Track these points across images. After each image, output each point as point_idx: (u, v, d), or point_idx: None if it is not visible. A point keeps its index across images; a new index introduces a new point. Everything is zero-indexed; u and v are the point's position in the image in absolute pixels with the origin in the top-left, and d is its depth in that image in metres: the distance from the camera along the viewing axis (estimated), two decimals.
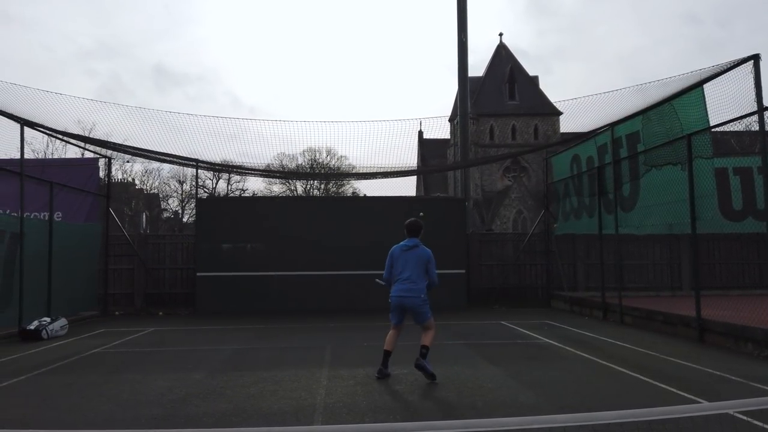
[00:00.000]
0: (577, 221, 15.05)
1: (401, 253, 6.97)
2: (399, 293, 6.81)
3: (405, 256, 6.91)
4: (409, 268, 6.84)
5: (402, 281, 6.82)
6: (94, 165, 15.99)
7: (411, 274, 6.82)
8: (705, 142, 9.64)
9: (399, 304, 6.83)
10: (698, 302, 9.48)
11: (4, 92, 10.26)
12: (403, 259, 6.91)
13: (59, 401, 5.98)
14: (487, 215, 45.77)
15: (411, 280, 6.80)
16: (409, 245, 7.00)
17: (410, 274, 6.82)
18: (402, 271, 6.87)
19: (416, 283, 6.82)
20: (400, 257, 6.95)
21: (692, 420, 3.23)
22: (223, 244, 15.23)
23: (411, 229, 7.13)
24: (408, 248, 6.96)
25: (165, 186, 53.22)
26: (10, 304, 11.11)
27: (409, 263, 6.87)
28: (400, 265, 6.91)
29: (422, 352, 6.72)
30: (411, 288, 6.78)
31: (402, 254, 6.94)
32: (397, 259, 6.96)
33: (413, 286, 6.79)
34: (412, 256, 6.90)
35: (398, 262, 6.94)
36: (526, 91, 49.76)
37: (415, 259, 6.88)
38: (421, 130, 23.12)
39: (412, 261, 6.87)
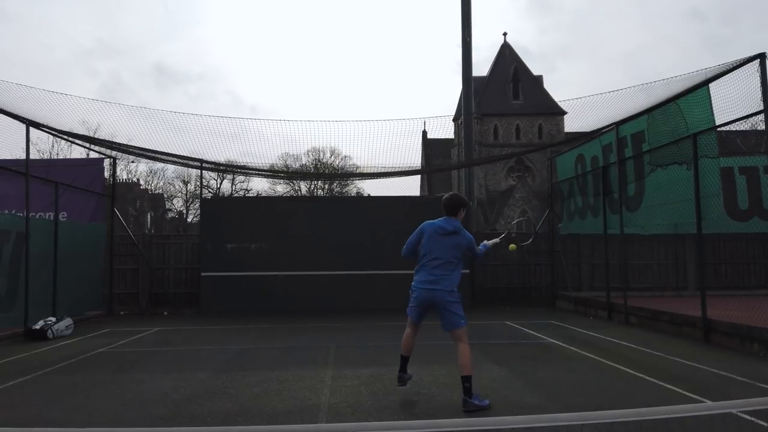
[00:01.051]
0: (581, 221, 15.01)
1: (436, 235, 5.60)
2: (424, 284, 5.56)
3: (441, 241, 5.58)
4: (443, 254, 5.53)
5: (432, 268, 5.53)
6: (99, 165, 16.04)
7: (445, 261, 5.50)
8: (710, 141, 9.60)
9: (424, 297, 5.57)
10: (704, 302, 9.44)
11: (9, 93, 10.30)
12: (436, 243, 5.58)
13: (65, 401, 5.99)
14: (491, 215, 45.71)
15: (444, 268, 5.50)
16: (447, 229, 5.59)
17: (443, 262, 5.50)
18: (432, 255, 5.54)
19: (450, 274, 5.54)
20: (432, 239, 5.59)
21: (696, 419, 3.21)
22: (228, 244, 15.26)
23: (449, 206, 5.67)
24: (446, 233, 5.59)
25: (169, 186, 53.42)
26: (15, 304, 11.15)
27: (443, 247, 5.55)
28: (429, 246, 5.58)
29: (465, 387, 5.28)
30: (442, 277, 5.50)
31: (437, 237, 5.59)
32: (429, 239, 5.60)
33: (445, 275, 5.51)
34: (449, 242, 5.57)
35: (430, 243, 5.59)
36: (530, 91, 49.68)
37: (455, 245, 5.58)
38: (425, 130, 23.11)
39: (448, 246, 5.56)
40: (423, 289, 5.56)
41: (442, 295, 5.48)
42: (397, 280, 15.23)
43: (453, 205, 5.68)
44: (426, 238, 5.61)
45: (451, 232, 5.57)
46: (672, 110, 10.87)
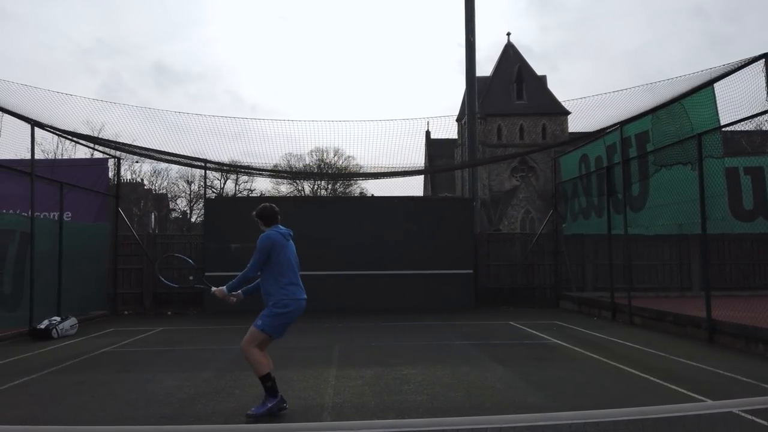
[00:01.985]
0: (585, 221, 14.98)
1: (286, 241, 5.46)
2: (303, 295, 5.51)
3: (290, 247, 5.48)
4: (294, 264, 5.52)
5: (297, 282, 5.51)
6: (103, 165, 16.09)
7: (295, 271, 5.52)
8: (715, 141, 9.57)
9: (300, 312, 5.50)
10: (708, 303, 9.41)
11: (14, 93, 10.34)
12: (290, 251, 5.47)
13: (69, 400, 6.01)
14: (494, 215, 45.68)
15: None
16: (290, 233, 5.59)
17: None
18: (293, 266, 5.47)
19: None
20: (286, 247, 5.43)
21: (698, 418, 3.21)
22: (231, 244, 15.27)
23: (269, 215, 5.61)
24: (290, 237, 5.56)
25: (173, 186, 53.57)
26: (20, 304, 11.20)
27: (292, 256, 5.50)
28: (290, 257, 5.44)
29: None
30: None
31: (288, 244, 5.48)
32: (283, 248, 5.40)
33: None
34: (292, 248, 5.56)
35: (285, 252, 5.40)
36: (534, 91, 49.62)
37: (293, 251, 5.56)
38: (429, 130, 23.14)
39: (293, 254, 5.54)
40: (303, 299, 5.50)
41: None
42: (401, 281, 15.27)
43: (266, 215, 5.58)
44: (286, 249, 5.44)
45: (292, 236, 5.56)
46: (677, 110, 10.84)
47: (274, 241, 5.36)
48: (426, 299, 15.11)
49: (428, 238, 15.43)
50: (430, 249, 15.37)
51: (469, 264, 15.63)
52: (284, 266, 5.38)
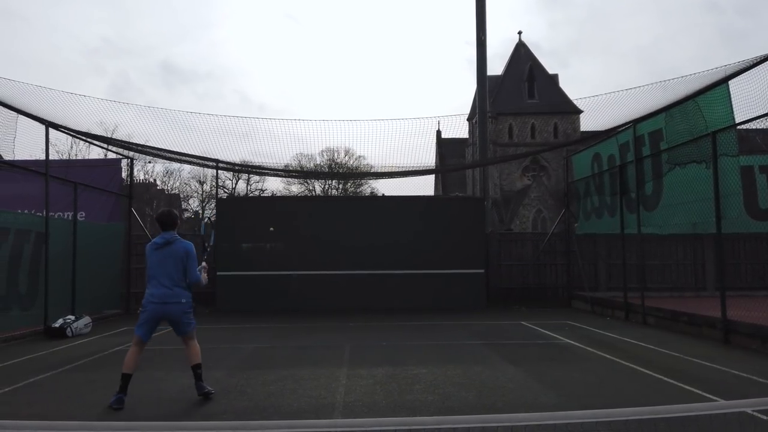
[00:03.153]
0: (598, 221, 14.87)
1: (153, 251, 5.91)
2: (158, 299, 5.87)
3: (159, 254, 5.90)
4: (168, 269, 5.89)
5: (160, 285, 5.87)
6: (116, 165, 16.23)
7: (169, 275, 5.88)
8: (730, 139, 9.45)
9: (157, 312, 5.92)
10: (723, 303, 9.30)
11: (28, 94, 10.46)
12: (157, 258, 5.89)
13: (83, 397, 6.07)
14: (506, 215, 45.48)
15: (170, 284, 5.87)
16: (165, 240, 5.93)
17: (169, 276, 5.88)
18: (158, 271, 5.88)
19: (178, 286, 5.94)
20: (152, 255, 5.91)
21: (711, 418, 3.17)
22: (243, 244, 15.35)
23: (165, 221, 6.03)
24: (162, 245, 5.91)
25: (186, 186, 53.91)
26: (35, 303, 11.33)
27: (166, 262, 5.89)
28: (154, 264, 5.89)
29: (197, 373, 5.94)
30: (170, 293, 5.88)
31: (154, 252, 5.91)
32: (149, 257, 5.91)
33: (173, 291, 5.90)
34: (168, 253, 5.90)
35: (156, 256, 5.88)
36: (545, 90, 49.33)
37: (173, 257, 5.91)
38: (440, 130, 23.08)
39: (170, 260, 5.90)
40: (159, 303, 5.98)
41: (176, 308, 6.05)
42: (412, 280, 15.25)
43: (168, 220, 6.10)
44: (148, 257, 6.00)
45: (168, 242, 5.96)
46: (691, 108, 10.73)
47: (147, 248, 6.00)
48: (437, 299, 15.09)
49: (439, 237, 15.40)
50: (441, 249, 15.34)
51: (480, 263, 15.57)
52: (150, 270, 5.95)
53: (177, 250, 5.92)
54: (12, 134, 10.81)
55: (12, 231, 10.85)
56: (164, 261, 5.88)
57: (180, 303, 5.99)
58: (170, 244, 5.92)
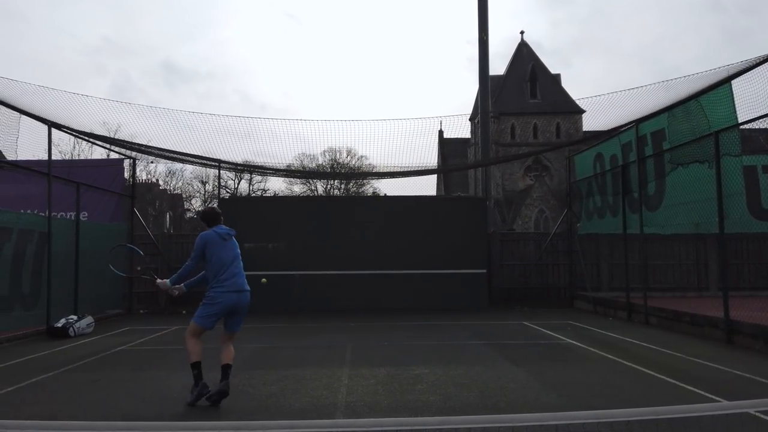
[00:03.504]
0: (600, 221, 14.85)
1: (221, 241, 5.90)
2: (239, 287, 5.84)
3: (228, 246, 5.93)
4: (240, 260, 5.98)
5: (239, 275, 5.90)
6: (119, 166, 16.26)
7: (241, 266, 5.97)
8: (733, 139, 9.43)
9: (233, 301, 5.84)
10: (726, 303, 9.27)
11: (31, 95, 10.48)
12: (228, 248, 5.91)
13: (85, 397, 6.08)
14: (508, 215, 45.45)
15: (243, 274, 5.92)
16: (229, 233, 6.02)
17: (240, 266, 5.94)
18: (233, 261, 5.87)
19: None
20: (221, 246, 5.88)
21: (713, 419, 3.16)
22: (245, 244, 15.29)
23: (216, 216, 6.15)
24: (229, 237, 5.98)
25: (188, 186, 53.97)
26: (38, 302, 11.36)
27: (237, 253, 5.98)
28: (225, 253, 5.85)
29: (227, 373, 5.86)
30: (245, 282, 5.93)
31: (223, 243, 5.92)
32: (221, 246, 5.86)
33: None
34: (234, 245, 6.01)
35: (223, 250, 5.85)
36: (548, 89, 49.28)
37: (237, 249, 6.02)
38: (442, 130, 23.06)
39: (237, 251, 6.01)
40: (239, 292, 5.90)
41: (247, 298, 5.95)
42: (413, 280, 15.25)
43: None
44: (216, 246, 5.87)
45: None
46: (693, 108, 10.70)
47: (205, 240, 5.84)
48: (439, 299, 15.07)
49: (441, 237, 15.39)
50: (443, 249, 15.33)
51: (482, 264, 15.55)
52: (217, 263, 5.81)
53: (236, 245, 6.05)
54: (15, 134, 10.83)
55: (15, 231, 10.88)
56: (235, 252, 5.96)
57: (249, 292, 6.01)
58: (232, 237, 6.02)
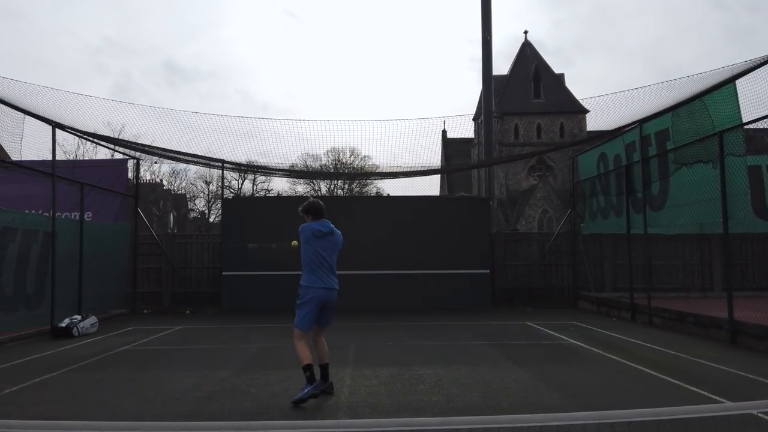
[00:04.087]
0: (604, 221, 14.81)
1: (317, 238, 5.87)
2: (327, 284, 5.86)
3: (324, 242, 5.90)
4: (333, 257, 5.95)
5: (329, 272, 5.91)
6: (123, 166, 16.30)
7: (333, 263, 5.94)
8: (737, 139, 9.39)
9: (322, 298, 5.87)
10: (730, 303, 9.24)
11: (35, 95, 10.52)
12: (323, 245, 5.87)
13: (88, 397, 6.10)
14: (511, 215, 45.38)
15: (333, 272, 5.94)
16: (330, 229, 5.99)
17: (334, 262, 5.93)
18: (330, 257, 5.90)
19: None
20: (316, 242, 5.85)
21: (715, 420, 3.15)
22: (249, 244, 15.38)
23: (319, 209, 6.05)
24: (327, 233, 5.94)
25: (192, 186, 54.10)
26: (42, 302, 11.39)
27: (332, 250, 5.93)
28: (318, 249, 5.83)
29: (327, 372, 5.92)
30: (335, 280, 5.92)
31: (318, 239, 5.89)
32: (314, 242, 5.84)
33: (335, 279, 5.93)
34: (332, 241, 5.95)
35: (317, 245, 5.83)
36: (551, 89, 49.19)
37: (336, 245, 5.98)
38: (445, 130, 23.04)
39: (334, 248, 5.97)
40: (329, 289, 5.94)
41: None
42: (416, 280, 15.24)
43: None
44: (318, 240, 5.91)
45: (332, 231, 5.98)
46: (697, 107, 10.67)
47: (303, 232, 5.91)
48: (442, 299, 15.06)
49: (444, 237, 15.38)
50: (446, 249, 15.31)
51: (485, 264, 15.53)
52: (308, 258, 5.84)
53: (337, 240, 5.99)
54: (19, 135, 10.88)
55: (19, 231, 10.92)
56: (330, 248, 5.93)
57: (337, 290, 6.00)
58: (333, 233, 5.96)
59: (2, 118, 10.69)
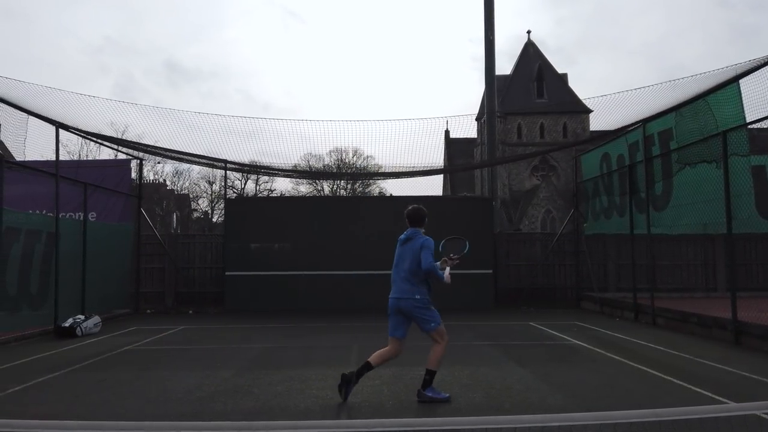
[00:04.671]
0: (607, 221, 14.78)
1: (397, 246, 6.17)
2: (393, 293, 6.13)
3: (400, 250, 6.14)
4: (404, 264, 6.07)
5: (397, 280, 6.15)
6: (126, 166, 16.33)
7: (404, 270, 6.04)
8: (741, 139, 9.36)
9: (393, 306, 6.11)
10: (734, 304, 9.21)
11: (39, 95, 10.54)
12: (397, 253, 6.14)
13: (91, 397, 6.11)
14: (514, 215, 45.33)
15: (403, 280, 6.06)
16: (406, 236, 6.18)
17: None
18: (396, 267, 6.12)
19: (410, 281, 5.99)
20: (396, 251, 6.15)
21: (717, 421, 3.14)
22: (252, 244, 15.39)
23: (413, 217, 6.28)
24: (404, 241, 6.15)
25: (195, 187, 54.16)
26: (46, 302, 11.42)
27: (404, 258, 6.08)
28: (397, 257, 6.12)
29: (426, 379, 5.88)
30: (404, 289, 6.03)
31: (397, 248, 6.15)
32: (397, 249, 6.15)
33: (406, 287, 6.03)
34: (407, 249, 6.07)
35: (398, 253, 6.13)
36: (554, 89, 49.12)
37: (411, 252, 6.03)
38: (448, 130, 23.04)
39: (408, 255, 6.04)
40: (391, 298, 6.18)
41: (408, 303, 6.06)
42: None
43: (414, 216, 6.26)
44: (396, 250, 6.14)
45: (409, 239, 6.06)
46: (701, 107, 10.63)
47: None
48: (444, 299, 14.80)
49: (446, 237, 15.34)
50: None
51: (488, 264, 15.51)
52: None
53: (414, 246, 6.04)
54: (23, 135, 10.91)
55: (23, 231, 10.95)
56: (402, 256, 6.06)
57: (413, 299, 6.00)
58: (410, 240, 6.06)
59: (6, 118, 10.73)
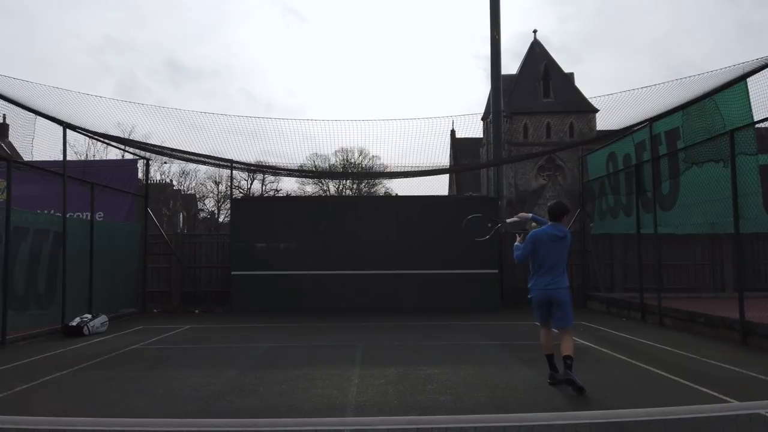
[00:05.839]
0: (613, 220, 14.72)
1: (550, 242, 6.26)
2: (544, 285, 6.34)
3: (556, 246, 6.27)
4: (562, 260, 6.32)
5: (550, 273, 6.31)
6: (133, 166, 16.41)
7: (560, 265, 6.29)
8: (749, 138, 9.30)
9: (543, 297, 6.36)
10: (742, 304, 9.15)
11: (46, 96, 10.61)
12: (554, 248, 6.28)
13: (98, 395, 6.15)
14: None
15: (559, 273, 6.28)
16: (563, 233, 6.34)
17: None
18: (552, 263, 6.28)
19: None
20: (548, 246, 6.26)
21: (722, 420, 3.12)
22: (258, 244, 15.43)
23: (559, 212, 6.43)
24: (560, 237, 6.29)
25: (201, 187, 54.39)
26: (53, 301, 11.50)
27: (562, 253, 6.32)
28: (548, 254, 6.26)
29: (567, 363, 6.10)
30: (559, 280, 6.28)
31: (551, 243, 6.26)
32: (546, 246, 6.26)
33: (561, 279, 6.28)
34: (563, 245, 6.30)
35: (548, 250, 6.27)
36: (561, 89, 48.97)
37: (566, 248, 6.33)
38: (454, 129, 23.02)
39: (564, 251, 6.32)
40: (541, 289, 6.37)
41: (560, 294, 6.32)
42: (425, 280, 15.22)
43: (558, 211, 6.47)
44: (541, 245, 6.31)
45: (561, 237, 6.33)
46: (708, 106, 10.57)
47: (534, 238, 6.36)
48: (451, 299, 15.04)
49: (453, 237, 15.28)
50: (455, 248, 15.26)
51: (494, 264, 15.48)
52: (537, 260, 6.35)
53: (567, 242, 6.37)
54: (30, 135, 10.99)
55: (31, 231, 11.02)
56: (560, 252, 6.30)
57: (566, 288, 6.34)
58: (565, 237, 6.34)
59: (14, 119, 10.81)
